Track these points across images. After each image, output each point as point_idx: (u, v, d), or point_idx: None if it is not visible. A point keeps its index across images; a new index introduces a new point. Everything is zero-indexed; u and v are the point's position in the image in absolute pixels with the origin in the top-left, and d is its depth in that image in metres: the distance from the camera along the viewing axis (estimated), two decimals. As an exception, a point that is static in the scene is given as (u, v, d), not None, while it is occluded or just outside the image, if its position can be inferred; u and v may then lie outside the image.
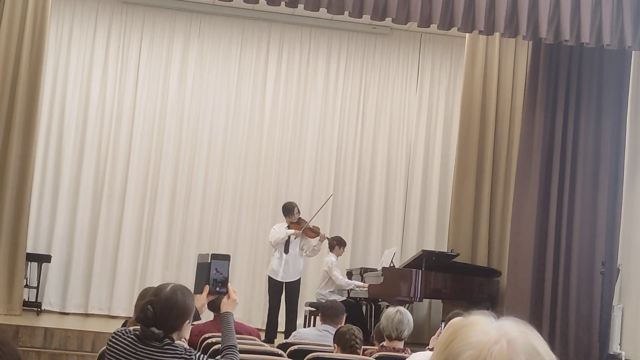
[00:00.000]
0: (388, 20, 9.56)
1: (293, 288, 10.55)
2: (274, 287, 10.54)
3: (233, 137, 12.61)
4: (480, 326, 1.34)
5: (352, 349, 5.28)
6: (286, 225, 10.68)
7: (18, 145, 10.70)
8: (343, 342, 5.30)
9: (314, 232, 10.77)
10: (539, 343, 1.33)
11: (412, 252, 11.82)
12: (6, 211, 10.57)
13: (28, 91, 10.82)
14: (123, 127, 12.34)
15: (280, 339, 9.23)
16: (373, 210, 12.82)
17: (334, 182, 12.74)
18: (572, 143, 10.55)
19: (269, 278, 10.62)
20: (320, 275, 11.11)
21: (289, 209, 10.72)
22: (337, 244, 10.96)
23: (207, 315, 5.61)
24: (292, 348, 5.75)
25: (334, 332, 5.85)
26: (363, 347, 5.54)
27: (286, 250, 10.51)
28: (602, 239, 10.26)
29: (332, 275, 10.77)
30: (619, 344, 10.06)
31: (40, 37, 10.97)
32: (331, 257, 10.87)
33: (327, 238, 10.98)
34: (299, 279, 10.66)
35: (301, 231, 10.59)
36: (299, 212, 10.75)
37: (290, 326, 10.14)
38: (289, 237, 10.55)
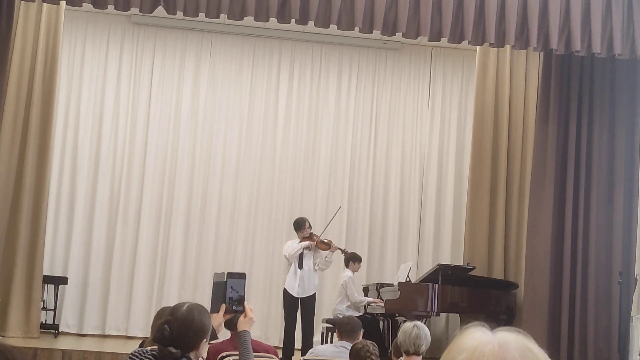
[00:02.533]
0: (398, 35, 9.58)
1: (309, 303, 10.52)
2: (290, 302, 10.50)
3: (246, 155, 12.63)
4: (473, 334, 1.39)
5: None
6: (298, 240, 10.67)
7: (33, 167, 10.77)
8: (358, 358, 5.29)
9: (326, 244, 10.75)
10: (533, 344, 1.37)
11: (427, 267, 11.79)
12: (22, 234, 10.62)
13: (42, 113, 10.91)
14: (137, 147, 12.39)
15: (297, 356, 9.22)
16: (388, 225, 12.80)
17: (347, 197, 12.73)
18: (586, 153, 10.52)
19: (285, 293, 10.57)
20: (337, 291, 11.08)
21: (300, 224, 10.72)
22: (352, 259, 10.94)
23: (224, 334, 5.60)
24: (309, 365, 5.74)
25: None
26: (381, 362, 5.52)
27: (300, 266, 10.49)
28: (619, 249, 10.21)
29: (347, 291, 10.75)
30: (639, 355, 9.99)
31: (52, 59, 11.07)
32: (347, 273, 10.86)
33: (340, 249, 10.95)
34: (314, 294, 10.61)
35: (315, 243, 10.57)
36: (310, 226, 10.73)
37: (307, 342, 10.09)
38: (303, 251, 10.53)
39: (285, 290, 10.58)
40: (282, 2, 9.09)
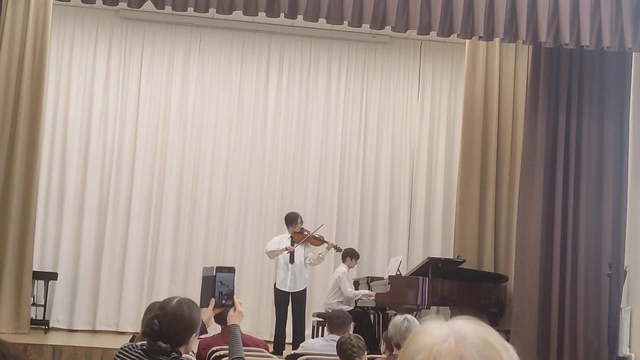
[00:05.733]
0: (387, 28, 9.57)
1: (300, 298, 10.55)
2: (281, 298, 10.53)
3: (236, 149, 12.63)
4: (429, 330, 1.36)
5: (351, 358, 5.26)
6: (289, 235, 10.66)
7: (22, 162, 10.74)
8: (342, 352, 5.28)
9: (319, 240, 10.78)
10: (491, 335, 1.34)
11: (418, 260, 11.81)
12: (11, 230, 10.60)
13: (30, 109, 10.87)
14: (126, 142, 12.37)
15: (288, 350, 9.23)
16: (378, 218, 12.81)
17: (338, 192, 12.74)
18: (575, 146, 10.54)
19: (276, 289, 10.59)
20: (330, 285, 11.09)
21: (292, 219, 10.71)
22: (349, 255, 10.96)
23: (215, 328, 5.60)
24: (300, 359, 5.75)
25: (341, 342, 5.82)
26: (371, 355, 5.52)
27: (292, 260, 10.50)
28: (608, 241, 10.23)
29: (341, 286, 10.77)
30: (629, 346, 10.03)
31: (41, 54, 11.03)
32: (342, 268, 10.88)
33: (335, 246, 10.97)
34: (305, 289, 10.64)
35: (301, 240, 10.57)
36: (302, 222, 10.74)
37: (299, 337, 10.12)
38: (294, 246, 10.53)
39: (275, 288, 10.59)
40: (271, -4, 9.08)
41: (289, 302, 10.52)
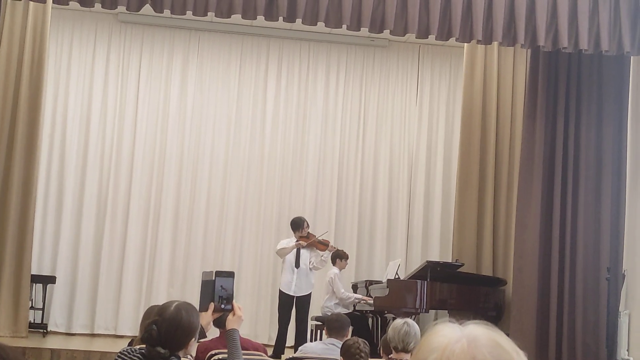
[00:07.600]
0: (386, 32, 9.57)
1: (304, 302, 10.54)
2: (285, 301, 10.52)
3: (235, 153, 12.62)
4: (442, 332, 1.39)
5: (357, 362, 5.25)
6: (295, 240, 10.67)
7: (20, 166, 10.74)
8: (348, 355, 5.28)
9: (324, 244, 10.79)
10: (503, 338, 1.37)
11: (416, 263, 11.80)
12: (10, 233, 10.59)
13: (29, 112, 10.87)
14: (125, 146, 12.35)
15: (288, 354, 9.22)
16: (376, 222, 12.80)
17: (336, 195, 12.73)
18: (574, 149, 10.54)
19: (281, 293, 10.59)
20: (324, 288, 11.09)
21: (298, 224, 10.72)
22: (338, 257, 10.95)
23: (213, 332, 5.60)
24: (298, 363, 5.74)
25: (339, 345, 5.83)
26: (370, 359, 5.52)
27: (297, 265, 10.50)
28: (607, 244, 10.23)
29: (334, 287, 10.77)
30: (627, 350, 10.03)
31: (39, 58, 11.03)
32: (334, 270, 10.87)
33: (339, 250, 10.99)
34: (310, 294, 10.63)
35: (307, 242, 10.58)
36: (308, 226, 10.76)
37: (301, 341, 10.08)
38: (299, 250, 10.53)
39: (280, 291, 10.59)
40: (270, 0, 9.08)
41: (292, 306, 10.52)
